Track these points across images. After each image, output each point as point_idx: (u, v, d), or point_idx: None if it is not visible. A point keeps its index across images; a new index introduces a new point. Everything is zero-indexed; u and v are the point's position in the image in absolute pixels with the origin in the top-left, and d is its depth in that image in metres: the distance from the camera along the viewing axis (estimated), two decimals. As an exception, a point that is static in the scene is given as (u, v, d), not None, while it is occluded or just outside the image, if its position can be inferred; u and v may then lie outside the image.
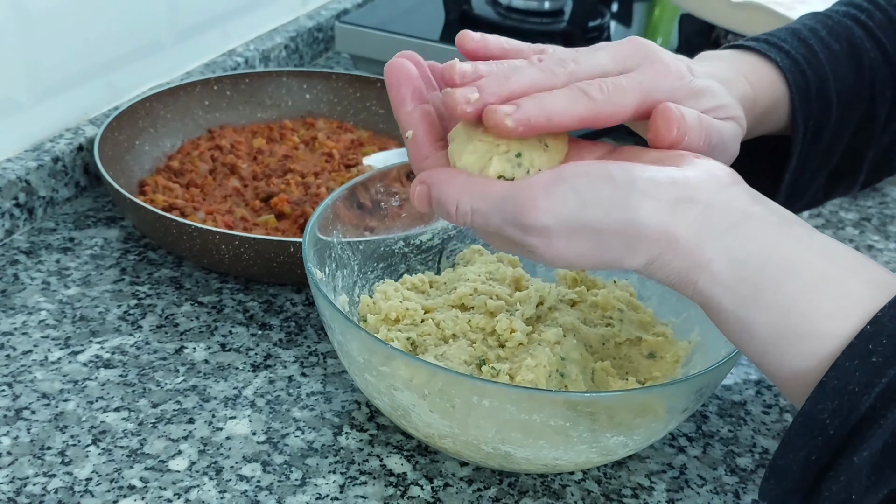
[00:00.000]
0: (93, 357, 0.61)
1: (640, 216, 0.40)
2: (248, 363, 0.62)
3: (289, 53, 1.05)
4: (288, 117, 0.90)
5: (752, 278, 0.40)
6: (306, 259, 0.54)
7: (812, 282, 0.39)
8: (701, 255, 0.40)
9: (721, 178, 0.42)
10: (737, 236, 0.40)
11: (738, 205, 0.41)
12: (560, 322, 0.57)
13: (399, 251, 0.65)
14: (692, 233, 0.40)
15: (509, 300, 0.59)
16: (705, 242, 0.40)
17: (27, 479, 0.52)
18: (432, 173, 0.44)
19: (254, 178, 0.79)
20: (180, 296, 0.68)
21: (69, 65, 0.79)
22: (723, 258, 0.40)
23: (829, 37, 0.58)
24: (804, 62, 0.56)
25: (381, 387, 0.50)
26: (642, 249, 0.41)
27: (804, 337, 0.39)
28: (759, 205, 0.42)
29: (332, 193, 0.60)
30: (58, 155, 0.76)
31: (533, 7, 1.07)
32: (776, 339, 0.39)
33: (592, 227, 0.40)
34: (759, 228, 0.40)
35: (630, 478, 0.55)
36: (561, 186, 0.40)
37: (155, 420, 0.56)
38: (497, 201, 0.41)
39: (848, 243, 0.82)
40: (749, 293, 0.40)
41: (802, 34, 0.58)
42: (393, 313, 0.58)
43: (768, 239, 0.40)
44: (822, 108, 0.57)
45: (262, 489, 0.52)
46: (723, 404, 0.62)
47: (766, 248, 0.40)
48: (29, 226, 0.74)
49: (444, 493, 0.53)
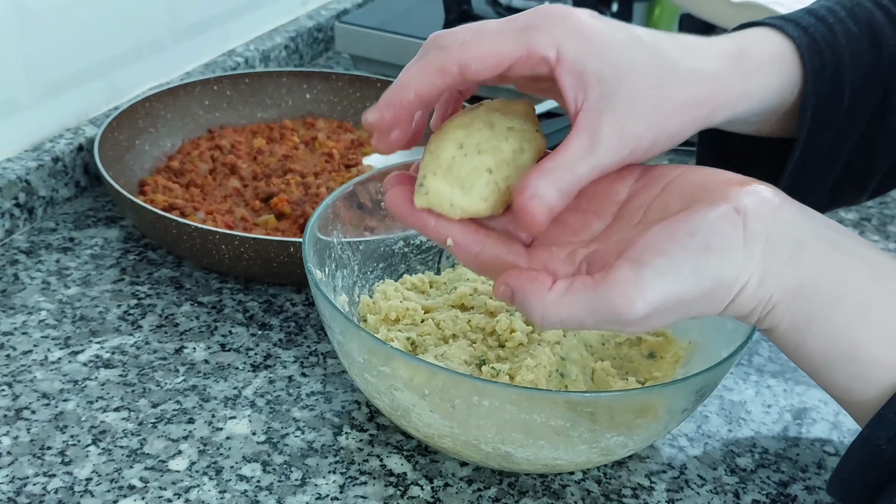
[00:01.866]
0: (93, 357, 0.61)
1: (721, 274, 0.41)
2: (248, 363, 0.62)
3: (289, 53, 1.05)
4: (288, 117, 0.90)
5: (806, 308, 0.42)
6: (306, 259, 0.54)
7: (859, 309, 0.42)
8: (766, 291, 0.42)
9: (771, 201, 0.42)
10: (792, 268, 0.42)
11: (792, 231, 0.42)
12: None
13: (399, 251, 0.65)
14: (759, 270, 0.42)
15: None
16: (768, 278, 0.42)
17: (27, 479, 0.52)
18: (516, 279, 0.43)
19: (254, 178, 0.79)
20: (180, 296, 0.68)
21: (69, 64, 0.79)
22: (782, 290, 0.42)
23: (849, 18, 0.54)
24: (822, 40, 0.52)
25: (381, 387, 0.50)
26: (723, 299, 0.42)
27: (852, 362, 0.42)
28: (810, 224, 0.43)
29: (332, 193, 0.60)
30: (58, 155, 0.76)
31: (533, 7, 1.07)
32: (828, 362, 0.43)
33: (684, 299, 0.41)
34: (811, 257, 0.42)
35: (630, 478, 0.55)
36: (645, 275, 0.40)
37: (155, 420, 0.56)
38: (587, 307, 0.41)
39: (848, 243, 0.82)
40: (803, 321, 0.42)
41: (820, 13, 0.54)
42: (393, 313, 0.58)
43: (819, 268, 0.42)
44: (833, 95, 0.53)
45: (262, 489, 0.52)
46: (723, 404, 0.62)
47: (816, 278, 0.42)
48: (29, 226, 0.74)
49: (444, 493, 0.53)
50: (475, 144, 0.45)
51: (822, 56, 0.52)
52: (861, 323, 0.42)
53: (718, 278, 0.41)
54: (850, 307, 0.42)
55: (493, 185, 0.45)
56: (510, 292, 0.43)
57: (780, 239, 0.42)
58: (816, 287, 0.42)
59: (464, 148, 0.45)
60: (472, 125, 0.46)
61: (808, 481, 0.56)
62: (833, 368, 0.43)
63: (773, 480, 0.56)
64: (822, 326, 0.42)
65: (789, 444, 0.59)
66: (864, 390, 0.42)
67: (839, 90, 0.53)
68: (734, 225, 0.41)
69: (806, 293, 0.42)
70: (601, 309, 0.41)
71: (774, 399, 0.62)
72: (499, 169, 0.45)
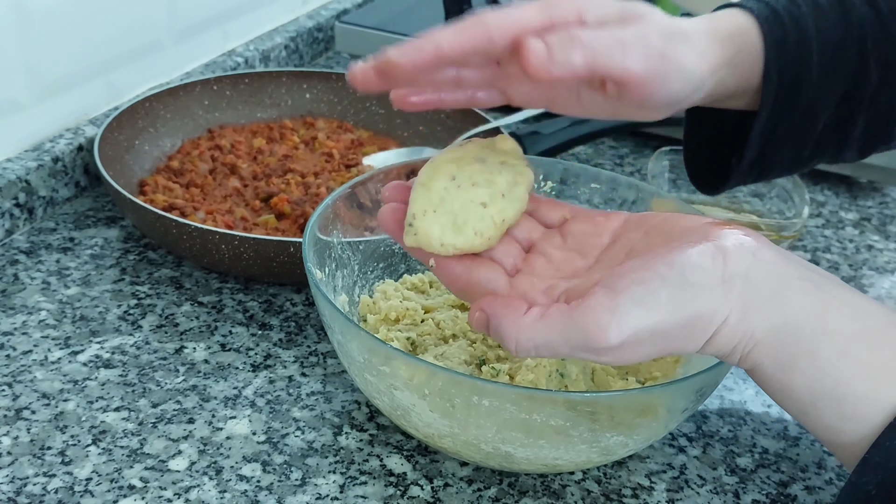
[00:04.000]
0: (93, 357, 0.61)
1: (699, 307, 0.41)
2: (248, 363, 0.62)
3: (289, 53, 1.05)
4: (288, 117, 0.90)
5: (791, 345, 0.42)
6: (306, 259, 0.54)
7: (843, 347, 0.42)
8: (746, 328, 0.42)
9: (750, 245, 0.43)
10: (774, 305, 0.42)
11: (773, 270, 0.42)
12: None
13: (399, 251, 0.65)
14: (739, 307, 0.42)
15: (509, 300, 0.59)
16: (749, 315, 0.42)
17: (27, 479, 0.52)
18: (491, 305, 0.43)
19: (254, 178, 0.79)
20: (180, 296, 0.68)
21: (69, 65, 0.79)
22: (764, 328, 0.42)
23: None
24: (784, 12, 0.54)
25: (381, 387, 0.50)
26: (700, 335, 0.42)
27: (839, 399, 0.42)
28: (790, 266, 0.43)
29: (332, 193, 0.60)
30: (58, 155, 0.76)
31: (533, 7, 1.07)
32: (814, 401, 0.42)
33: (659, 331, 0.41)
34: (794, 296, 0.42)
35: (630, 478, 0.55)
36: (621, 301, 0.40)
37: (155, 420, 0.56)
38: (561, 332, 0.41)
39: (848, 243, 0.82)
40: (788, 359, 0.42)
41: None
42: (393, 313, 0.58)
43: (803, 306, 0.42)
44: (800, 61, 0.54)
45: (262, 489, 0.52)
46: (723, 404, 0.62)
47: (801, 316, 0.42)
48: (29, 226, 0.74)
49: (444, 493, 0.53)
50: (468, 177, 0.45)
51: (783, 26, 0.53)
52: (846, 361, 0.41)
53: (696, 311, 0.41)
54: (834, 345, 0.42)
55: (488, 220, 0.45)
56: (485, 318, 0.43)
57: (761, 277, 0.42)
58: (800, 324, 0.42)
59: (457, 180, 0.45)
60: (462, 160, 0.46)
61: (808, 481, 0.56)
62: (820, 408, 0.42)
63: (773, 480, 0.56)
64: (807, 364, 0.42)
65: (789, 444, 0.59)
66: (852, 430, 0.42)
67: (806, 56, 0.54)
68: (714, 260, 0.41)
69: (790, 329, 0.42)
70: (575, 335, 0.41)
71: (774, 399, 0.62)
72: (493, 202, 0.45)
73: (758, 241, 0.43)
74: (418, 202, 0.45)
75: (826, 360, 0.42)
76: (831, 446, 0.44)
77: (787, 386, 0.43)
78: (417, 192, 0.46)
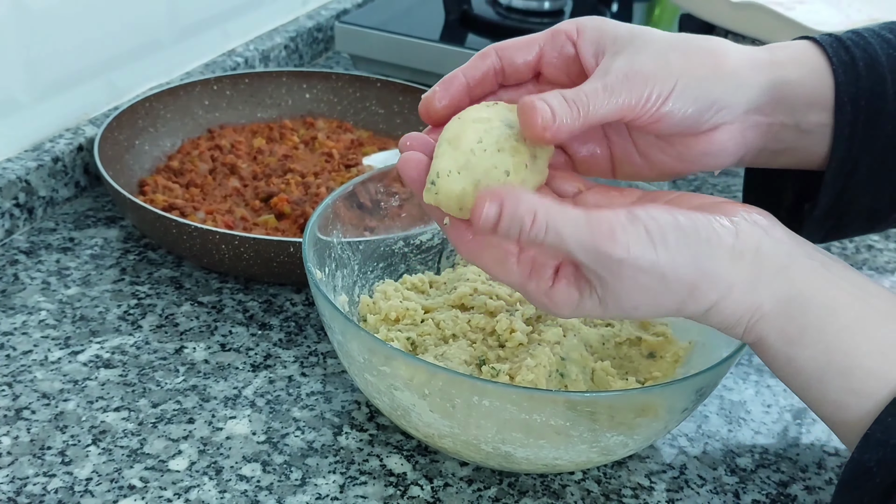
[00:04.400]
0: (93, 357, 0.61)
1: (704, 266, 0.41)
2: (248, 363, 0.62)
3: (289, 53, 1.05)
4: (288, 117, 0.90)
5: (799, 318, 0.42)
6: (306, 259, 0.54)
7: (851, 323, 0.42)
8: (754, 300, 0.42)
9: (761, 223, 0.43)
10: (784, 280, 0.42)
11: (782, 248, 0.43)
12: (560, 322, 0.57)
13: (399, 251, 0.65)
14: (747, 280, 0.42)
15: (509, 300, 0.59)
16: (758, 287, 0.42)
17: (27, 479, 0.52)
18: (505, 190, 0.41)
19: (254, 178, 0.79)
20: (180, 296, 0.68)
21: (69, 64, 0.79)
22: (772, 300, 0.42)
23: (884, 30, 0.50)
24: (849, 41, 0.49)
25: (381, 387, 0.50)
26: (703, 297, 0.42)
27: (845, 373, 0.42)
28: (800, 247, 0.44)
29: (332, 193, 0.60)
30: (58, 155, 0.76)
31: (533, 7, 1.07)
32: (820, 375, 0.42)
33: (660, 271, 0.41)
34: (803, 272, 0.43)
35: (630, 478, 0.55)
36: (636, 225, 0.41)
37: (155, 420, 0.56)
38: (574, 222, 0.40)
39: (848, 243, 0.82)
40: (795, 332, 0.42)
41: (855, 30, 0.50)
42: (393, 313, 0.58)
43: (811, 282, 0.43)
44: (873, 86, 0.48)
45: (262, 489, 0.52)
46: (723, 404, 0.62)
47: (809, 291, 0.42)
48: (29, 226, 0.74)
49: (444, 493, 0.53)
50: (494, 141, 0.44)
51: (848, 51, 0.49)
52: (854, 336, 0.42)
53: (699, 269, 0.41)
54: (842, 320, 0.42)
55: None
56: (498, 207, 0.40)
57: (771, 253, 0.42)
58: (808, 299, 0.42)
59: (483, 143, 0.44)
60: (490, 122, 0.45)
61: (808, 481, 0.56)
62: (826, 382, 0.42)
63: (773, 480, 0.56)
64: (815, 338, 0.42)
65: (789, 444, 0.59)
66: (858, 404, 0.42)
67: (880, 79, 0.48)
68: (727, 230, 0.42)
69: (798, 304, 0.42)
70: (585, 231, 0.40)
71: (774, 399, 0.62)
72: (517, 172, 0.44)
73: (770, 221, 0.44)
74: (443, 161, 0.44)
75: (834, 333, 0.42)
76: (833, 424, 0.44)
77: (792, 359, 0.43)
78: (443, 150, 0.44)
